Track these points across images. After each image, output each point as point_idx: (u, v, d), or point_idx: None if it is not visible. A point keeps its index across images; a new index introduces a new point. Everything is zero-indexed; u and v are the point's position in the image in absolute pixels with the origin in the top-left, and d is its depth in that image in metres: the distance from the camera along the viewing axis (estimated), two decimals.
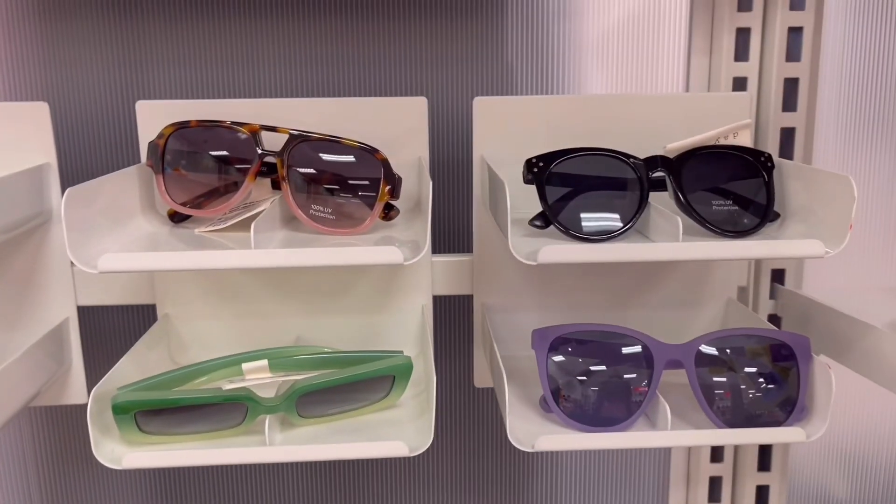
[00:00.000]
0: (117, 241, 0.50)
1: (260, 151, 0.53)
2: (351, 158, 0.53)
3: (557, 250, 0.45)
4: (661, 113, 0.60)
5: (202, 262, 0.43)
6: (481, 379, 0.65)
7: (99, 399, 0.47)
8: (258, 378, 0.51)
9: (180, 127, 0.54)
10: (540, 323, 0.59)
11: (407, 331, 0.62)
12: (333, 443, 0.47)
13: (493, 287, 0.62)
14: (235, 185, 0.54)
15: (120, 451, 0.47)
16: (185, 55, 0.65)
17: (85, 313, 0.69)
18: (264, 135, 0.54)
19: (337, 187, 0.53)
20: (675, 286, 0.63)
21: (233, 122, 0.54)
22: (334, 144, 0.53)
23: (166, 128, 0.54)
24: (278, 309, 0.62)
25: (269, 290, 0.62)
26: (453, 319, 0.73)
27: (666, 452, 0.77)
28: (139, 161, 0.58)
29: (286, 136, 0.53)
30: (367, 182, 0.53)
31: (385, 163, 0.53)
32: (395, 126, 0.59)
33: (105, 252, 0.44)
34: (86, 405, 0.65)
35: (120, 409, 0.45)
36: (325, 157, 0.53)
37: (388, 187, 0.53)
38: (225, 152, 0.54)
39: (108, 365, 0.68)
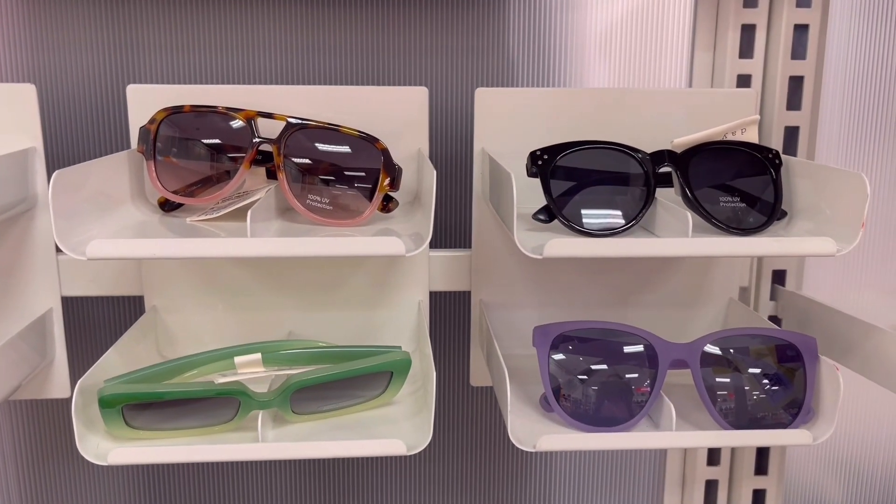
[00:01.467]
0: (105, 228, 0.48)
1: (256, 139, 0.52)
2: (350, 148, 0.52)
3: (564, 244, 0.44)
4: (665, 108, 0.59)
5: (196, 250, 0.42)
6: (478, 377, 0.63)
7: (84, 392, 0.45)
8: (251, 372, 0.50)
9: (173, 112, 0.52)
10: (539, 320, 0.58)
11: (403, 327, 0.61)
12: (328, 440, 0.45)
13: (492, 283, 0.61)
14: (229, 174, 0.53)
15: (105, 447, 0.45)
16: (178, 40, 0.63)
17: (69, 304, 0.67)
18: (260, 122, 0.52)
19: (335, 177, 0.52)
20: (677, 285, 0.62)
21: (228, 108, 0.52)
22: (333, 133, 0.52)
23: (158, 112, 0.52)
24: (270, 302, 0.60)
25: (261, 282, 0.60)
26: (449, 316, 0.71)
27: (662, 454, 0.76)
28: (129, 147, 0.56)
29: (283, 124, 0.52)
30: (366, 172, 0.52)
31: (385, 153, 0.51)
32: (395, 116, 0.57)
33: (93, 239, 0.42)
34: (69, 399, 0.62)
35: (106, 403, 0.43)
36: (324, 145, 0.52)
37: (388, 178, 0.51)
38: (219, 139, 0.53)
39: (92, 358, 0.66)
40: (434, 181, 0.45)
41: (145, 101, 0.55)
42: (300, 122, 0.51)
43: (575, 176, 0.50)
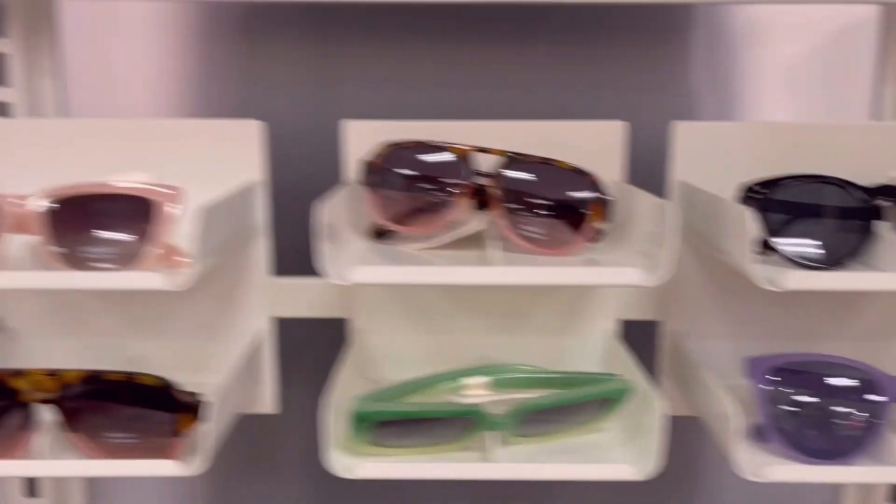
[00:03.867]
0: (336, 255, 0.51)
1: (472, 171, 0.55)
2: (563, 180, 0.54)
3: (805, 277, 0.45)
4: (863, 142, 0.59)
5: (453, 277, 0.44)
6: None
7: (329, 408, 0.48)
8: (477, 394, 0.52)
9: (394, 146, 0.56)
10: (730, 351, 0.59)
11: (591, 355, 0.62)
12: (558, 463, 0.47)
13: (685, 313, 0.62)
14: (445, 205, 0.55)
15: (349, 462, 0.47)
16: (388, 76, 0.68)
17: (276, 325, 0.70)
18: (474, 156, 0.55)
19: (548, 209, 0.54)
20: (874, 317, 0.61)
21: (445, 143, 0.55)
22: (547, 166, 0.54)
23: (380, 146, 0.56)
24: (464, 328, 0.63)
25: (456, 308, 0.63)
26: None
27: (834, 490, 0.74)
28: (339, 179, 0.60)
29: (498, 158, 0.54)
30: (578, 204, 0.54)
31: (598, 185, 0.53)
32: (591, 149, 0.59)
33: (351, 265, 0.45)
34: (276, 415, 0.66)
35: (361, 418, 0.45)
36: (537, 178, 0.54)
37: (600, 210, 0.53)
38: (437, 172, 0.56)
39: (290, 376, 0.69)
40: (675, 213, 0.45)
41: (360, 136, 0.59)
42: (515, 156, 0.54)
43: (790, 209, 0.51)
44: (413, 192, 0.56)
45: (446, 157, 0.55)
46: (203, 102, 0.68)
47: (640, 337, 0.62)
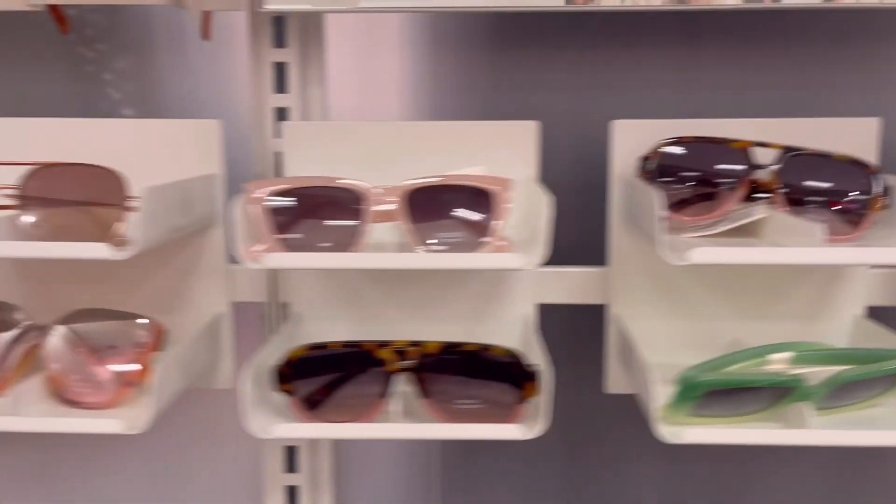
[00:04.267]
0: (675, 241, 0.56)
1: (752, 164, 0.59)
2: (842, 171, 0.58)
3: None
4: None
5: (793, 257, 0.49)
6: None
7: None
8: (781, 369, 0.56)
9: (674, 142, 0.60)
10: None
11: (839, 340, 0.66)
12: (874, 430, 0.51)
13: None
14: (726, 196, 0.60)
15: (675, 428, 0.52)
16: (641, 79, 0.72)
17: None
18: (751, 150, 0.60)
19: (832, 197, 0.58)
20: None
21: (725, 138, 0.60)
22: (825, 158, 0.58)
23: (661, 142, 0.60)
24: (716, 312, 0.67)
25: (708, 292, 0.67)
26: None
27: None
28: (605, 175, 0.65)
29: (775, 151, 0.59)
30: (858, 193, 0.58)
31: (877, 175, 0.57)
32: (842, 146, 0.63)
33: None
34: None
35: (691, 388, 0.50)
36: (818, 169, 0.59)
37: (880, 198, 0.57)
38: (720, 164, 0.60)
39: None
40: None
41: (628, 135, 0.64)
42: (795, 149, 0.58)
43: None
44: (695, 183, 0.60)
45: (727, 150, 0.60)
46: (454, 108, 0.74)
47: None
